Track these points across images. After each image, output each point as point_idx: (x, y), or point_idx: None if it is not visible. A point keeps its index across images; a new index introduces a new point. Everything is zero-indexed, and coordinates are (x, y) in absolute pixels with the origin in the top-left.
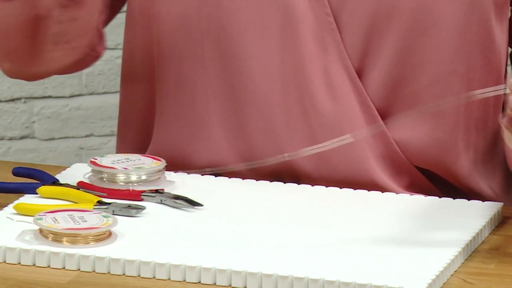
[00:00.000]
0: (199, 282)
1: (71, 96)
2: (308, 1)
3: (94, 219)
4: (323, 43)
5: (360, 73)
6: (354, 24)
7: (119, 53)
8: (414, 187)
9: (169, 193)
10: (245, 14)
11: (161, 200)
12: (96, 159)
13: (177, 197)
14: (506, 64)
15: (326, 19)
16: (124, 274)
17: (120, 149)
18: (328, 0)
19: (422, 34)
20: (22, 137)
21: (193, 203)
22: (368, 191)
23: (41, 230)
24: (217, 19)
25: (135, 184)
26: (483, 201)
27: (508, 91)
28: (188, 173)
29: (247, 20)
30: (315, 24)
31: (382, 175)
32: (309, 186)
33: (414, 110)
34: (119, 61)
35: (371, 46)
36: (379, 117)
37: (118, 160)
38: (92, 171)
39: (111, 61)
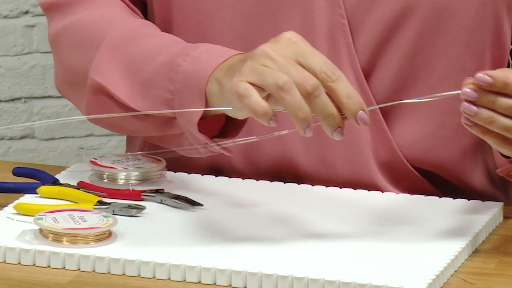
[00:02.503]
0: (199, 282)
1: None
2: (325, 2)
3: (94, 219)
4: (335, 44)
5: (368, 74)
6: (367, 26)
7: None
8: (415, 192)
9: (169, 193)
10: (259, 16)
11: (161, 200)
12: (96, 159)
13: (177, 197)
14: (509, 61)
15: (340, 20)
16: (124, 274)
17: (129, 150)
18: (343, 1)
19: (433, 32)
20: (22, 137)
21: (193, 203)
22: (368, 191)
23: (41, 230)
24: (231, 23)
25: (135, 184)
26: (483, 201)
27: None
28: (188, 173)
29: (261, 22)
30: (329, 26)
31: (384, 180)
32: (309, 186)
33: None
34: None
35: (382, 48)
36: (383, 121)
37: (118, 160)
38: (92, 171)
39: None
